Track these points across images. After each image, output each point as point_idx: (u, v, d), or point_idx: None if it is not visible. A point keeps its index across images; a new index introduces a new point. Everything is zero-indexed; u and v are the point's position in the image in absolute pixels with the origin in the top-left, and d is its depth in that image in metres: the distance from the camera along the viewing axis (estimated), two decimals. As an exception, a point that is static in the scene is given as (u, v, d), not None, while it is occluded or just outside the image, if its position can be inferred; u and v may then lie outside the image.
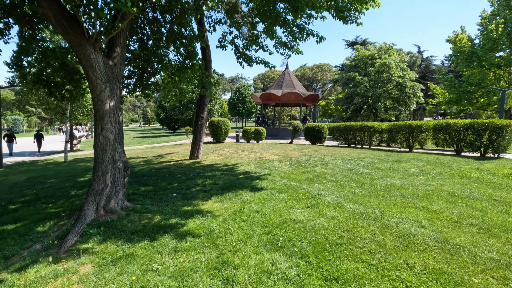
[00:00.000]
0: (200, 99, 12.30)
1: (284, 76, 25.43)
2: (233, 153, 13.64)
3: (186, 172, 9.21)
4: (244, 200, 5.73)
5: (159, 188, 7.11)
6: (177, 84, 10.18)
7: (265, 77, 68.46)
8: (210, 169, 9.60)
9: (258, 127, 19.01)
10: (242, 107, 51.41)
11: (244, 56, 8.34)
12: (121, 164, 5.42)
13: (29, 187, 8.22)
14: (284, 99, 22.99)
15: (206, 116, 12.50)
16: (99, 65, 5.18)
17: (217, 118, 19.02)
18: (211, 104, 31.66)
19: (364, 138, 15.53)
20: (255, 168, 9.42)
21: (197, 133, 12.27)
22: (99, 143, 5.22)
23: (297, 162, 10.44)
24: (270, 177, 7.96)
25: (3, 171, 11.61)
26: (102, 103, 5.26)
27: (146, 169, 10.34)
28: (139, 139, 28.87)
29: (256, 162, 10.80)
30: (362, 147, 15.67)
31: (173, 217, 4.87)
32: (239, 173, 8.68)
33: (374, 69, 24.81)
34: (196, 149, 12.24)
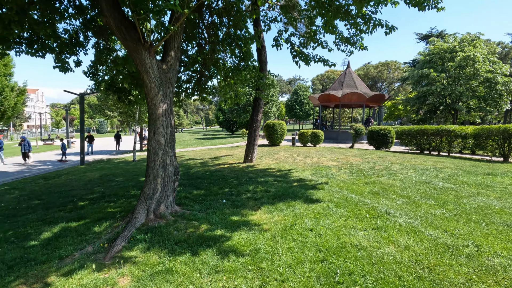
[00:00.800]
0: (255, 102, 12.07)
1: (345, 76, 23.81)
2: (288, 157, 13.07)
3: (238, 177, 8.99)
4: (296, 213, 5.14)
5: (210, 193, 6.98)
6: (232, 87, 10.11)
7: (324, 77, 66.00)
8: (263, 174, 9.22)
9: (316, 130, 18.05)
10: (299, 109, 50.38)
11: (300, 55, 7.75)
12: (171, 168, 5.36)
13: (99, 184, 8.99)
14: (345, 100, 21.48)
15: (261, 118, 12.21)
16: (153, 70, 5.19)
17: (272, 121, 18.68)
18: (268, 106, 31.57)
19: (442, 144, 13.35)
20: (310, 176, 8.70)
21: (252, 136, 12.05)
22: (151, 147, 5.24)
23: (358, 170, 9.36)
24: (327, 187, 7.18)
25: (84, 168, 13.16)
26: (155, 107, 5.27)
27: (201, 171, 10.49)
28: (199, 140, 30.37)
29: (312, 168, 10.05)
30: (439, 155, 13.49)
31: (219, 227, 4.57)
32: (293, 180, 8.09)
33: (455, 63, 21.30)
34: (250, 152, 12.03)
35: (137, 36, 5.06)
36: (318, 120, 24.65)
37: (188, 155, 16.44)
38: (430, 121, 25.67)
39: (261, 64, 11.65)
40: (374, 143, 16.26)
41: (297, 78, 77.13)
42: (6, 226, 5.19)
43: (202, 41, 9.32)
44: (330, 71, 67.06)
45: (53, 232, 4.70)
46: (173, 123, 5.61)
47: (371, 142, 16.40)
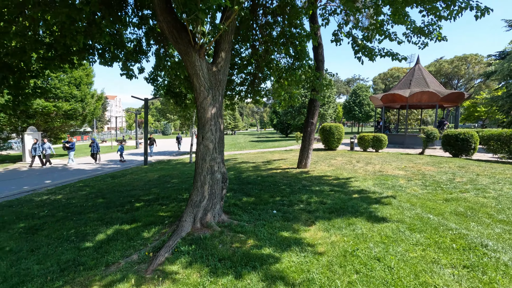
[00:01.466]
0: (310, 103, 11.33)
1: (414, 73, 21.24)
2: (346, 164, 11.97)
3: (291, 184, 8.42)
4: (358, 234, 4.36)
5: (261, 201, 6.56)
6: (286, 88, 9.62)
7: (387, 76, 60.79)
8: (318, 182, 8.47)
9: (378, 134, 16.37)
10: (358, 110, 47.25)
11: (364, 49, 6.84)
12: (219, 175, 5.08)
13: (156, 185, 9.35)
14: (413, 100, 19.11)
15: (316, 121, 11.42)
16: (203, 72, 4.99)
17: (329, 123, 17.57)
18: (324, 108, 30.14)
19: (547, 152, 10.70)
20: (373, 186, 7.65)
21: (306, 140, 11.34)
22: (199, 152, 5.04)
23: (434, 182, 7.92)
24: (395, 201, 6.13)
25: (146, 168, 14.07)
26: (204, 111, 5.06)
27: (252, 176, 10.19)
28: (253, 143, 30.52)
29: (374, 177, 8.90)
30: (543, 166, 10.85)
31: (267, 244, 4.08)
32: (353, 191, 7.18)
33: None
34: (304, 157, 11.33)
35: (188, 38, 4.91)
36: (380, 122, 22.49)
37: (241, 158, 16.43)
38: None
39: (317, 63, 10.90)
40: (450, 149, 13.97)
41: (356, 78, 72.74)
42: (71, 224, 5.54)
43: (255, 42, 9.05)
44: (395, 68, 61.38)
45: (107, 234, 4.80)
46: (222, 127, 5.33)
47: (447, 148, 14.12)
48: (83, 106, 18.95)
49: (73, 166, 15.70)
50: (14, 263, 3.88)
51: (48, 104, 16.49)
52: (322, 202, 6.29)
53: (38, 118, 16.99)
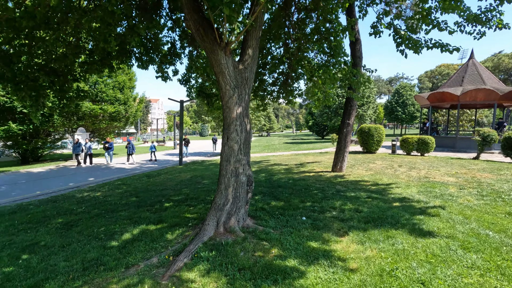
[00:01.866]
0: (347, 103, 10.65)
1: (467, 69, 19.13)
2: (387, 168, 11.03)
3: (324, 188, 7.91)
4: (398, 249, 3.81)
5: (290, 206, 6.19)
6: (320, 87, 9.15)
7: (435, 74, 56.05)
8: (353, 188, 7.84)
9: (424, 136, 14.94)
10: (401, 111, 44.19)
11: (408, 41, 6.12)
12: (244, 178, 4.84)
13: (187, 185, 9.43)
14: (466, 98, 17.17)
15: (353, 122, 10.70)
16: (228, 70, 4.80)
17: (368, 125, 16.50)
18: (362, 108, 28.56)
19: None
20: (417, 194, 6.84)
21: (342, 142, 10.67)
22: (224, 153, 4.85)
23: (492, 191, 6.86)
24: (444, 213, 5.36)
25: (180, 169, 14.42)
26: (230, 110, 4.86)
27: (284, 178, 9.83)
28: (287, 145, 30.01)
29: (419, 184, 8.01)
30: None
31: (292, 255, 3.73)
32: (393, 199, 6.48)
33: None
34: (340, 160, 10.66)
35: (214, 36, 4.76)
36: (427, 123, 20.62)
37: (273, 160, 16.11)
38: None
39: (354, 60, 10.22)
40: (511, 153, 12.21)
41: (399, 77, 68.18)
42: (103, 221, 5.70)
43: (288, 40, 8.73)
44: (444, 65, 56.28)
45: (132, 234, 4.81)
46: (249, 127, 5.09)
47: (508, 152, 12.37)
48: (125, 108, 20.16)
49: (112, 165, 16.69)
50: (45, 258, 4.02)
51: (95, 107, 17.80)
52: (357, 210, 5.74)
53: (86, 120, 18.43)
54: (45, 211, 6.62)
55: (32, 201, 7.90)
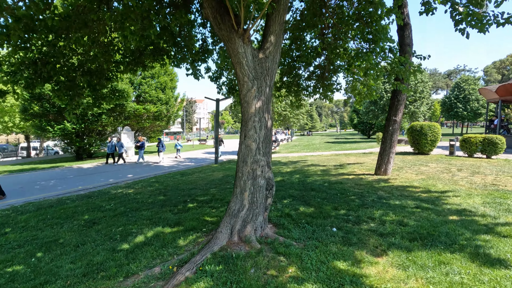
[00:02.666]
0: (393, 97, 9.40)
1: (550, 55, 15.91)
2: (442, 172, 9.51)
3: (363, 194, 6.97)
4: (454, 282, 2.91)
5: (320, 213, 5.47)
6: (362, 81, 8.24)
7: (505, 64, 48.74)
8: (399, 194, 6.76)
9: (490, 135, 12.73)
10: (462, 107, 39.27)
11: (469, 17, 4.93)
12: (262, 181, 4.28)
13: (216, 185, 9.16)
14: (549, 90, 14.28)
15: (400, 119, 9.41)
16: (247, 60, 4.28)
17: (420, 123, 14.65)
18: (415, 105, 25.76)
19: None
20: (482, 206, 5.56)
21: (387, 142, 9.46)
22: (241, 153, 4.34)
23: None
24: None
25: (214, 167, 14.35)
26: (248, 105, 4.34)
27: (319, 180, 9.02)
28: (328, 144, 28.53)
29: (485, 193, 6.60)
30: None
31: (312, 278, 3.08)
32: (449, 211, 5.33)
33: None
34: (384, 162, 9.46)
35: (231, 22, 4.29)
36: (495, 121, 17.73)
37: (311, 160, 15.21)
38: None
39: (403, 48, 8.97)
40: None
41: (460, 69, 60.79)
42: (123, 220, 5.62)
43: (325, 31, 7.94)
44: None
45: (146, 237, 4.58)
46: (270, 124, 4.51)
47: None
48: (167, 108, 20.93)
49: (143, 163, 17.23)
50: (55, 258, 3.94)
51: (139, 106, 18.75)
52: (402, 222, 4.79)
53: (132, 119, 19.53)
54: (76, 207, 6.84)
55: (72, 196, 8.32)
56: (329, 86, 8.96)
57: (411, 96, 25.68)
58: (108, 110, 16.11)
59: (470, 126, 62.80)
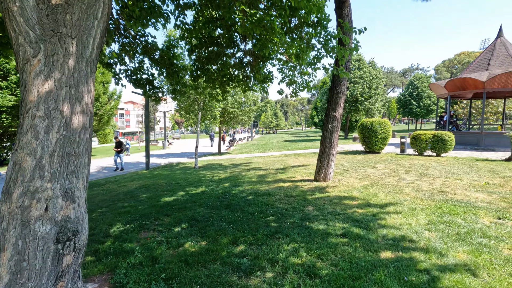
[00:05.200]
0: (332, 88, 7.94)
1: (494, 50, 15.85)
2: (389, 175, 8.29)
3: (287, 212, 5.35)
4: None
5: (208, 252, 3.70)
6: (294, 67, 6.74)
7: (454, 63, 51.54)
8: (330, 212, 5.22)
9: (440, 132, 11.99)
10: (416, 104, 40.48)
11: None
12: (46, 227, 2.33)
13: (112, 202, 7.05)
14: (493, 85, 14.00)
15: (341, 115, 7.99)
16: (22, 4, 2.31)
17: (370, 119, 13.64)
18: (370, 101, 25.38)
19: None
20: (427, 230, 4.14)
21: (326, 142, 8.00)
22: (6, 177, 2.37)
23: (557, 225, 4.09)
24: (476, 285, 2.69)
25: (140, 175, 12.11)
26: (27, 88, 2.38)
27: (246, 191, 7.32)
28: (286, 143, 27.30)
29: (431, 205, 5.28)
30: None
31: None
32: (384, 242, 3.82)
33: None
34: (324, 166, 7.99)
35: None
36: (444, 117, 17.47)
37: (256, 162, 13.55)
38: None
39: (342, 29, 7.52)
40: (562, 154, 9.17)
41: (413, 68, 63.56)
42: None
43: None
44: (464, 53, 51.49)
45: None
46: (78, 123, 2.56)
47: (556, 152, 9.33)
48: (97, 106, 18.05)
49: None
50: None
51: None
52: (313, 269, 3.14)
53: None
54: None
55: None
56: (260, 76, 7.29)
57: (367, 92, 25.25)
58: (9, 108, 13.01)
59: (423, 123, 66.07)
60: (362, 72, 25.75)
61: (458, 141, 14.26)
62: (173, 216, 5.49)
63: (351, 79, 25.42)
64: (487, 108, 25.89)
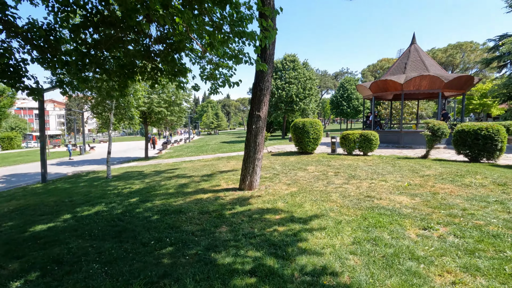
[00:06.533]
0: (255, 85, 7.05)
1: (409, 55, 17.24)
2: (319, 178, 7.78)
3: (191, 237, 4.20)
4: None
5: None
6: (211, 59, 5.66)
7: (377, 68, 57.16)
8: (246, 233, 4.22)
9: (366, 131, 12.25)
10: (346, 105, 43.40)
11: None
12: None
13: None
14: (409, 87, 15.08)
15: (265, 115, 7.15)
16: None
17: (302, 119, 13.35)
18: (305, 102, 25.92)
19: None
20: (352, 255, 3.42)
21: (251, 146, 7.07)
22: None
23: (479, 232, 3.77)
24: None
25: (28, 191, 9.55)
26: None
27: (156, 207, 5.95)
28: (223, 144, 26.17)
29: (358, 215, 4.70)
30: None
31: None
32: (302, 275, 2.95)
33: None
34: (249, 172, 7.06)
35: None
36: (370, 117, 18.45)
37: (183, 168, 12.07)
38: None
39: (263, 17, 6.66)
40: (465, 150, 9.95)
41: (344, 71, 68.84)
42: None
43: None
44: (385, 60, 57.66)
45: None
46: None
47: (461, 148, 10.09)
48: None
49: None
50: None
51: None
52: None
53: None
54: None
55: None
56: (171, 69, 6.01)
57: (301, 93, 25.68)
58: None
59: (353, 122, 72.02)
60: (297, 73, 26.11)
61: (382, 140, 15.00)
62: (25, 259, 3.85)
63: (286, 79, 25.58)
64: (404, 109, 28.77)
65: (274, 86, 25.49)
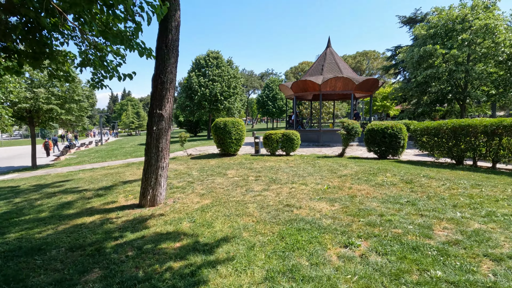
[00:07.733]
0: (156, 78, 5.72)
1: (326, 57, 18.11)
2: (238, 185, 6.93)
3: (48, 286, 2.70)
4: None
5: None
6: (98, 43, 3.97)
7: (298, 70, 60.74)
8: (129, 275, 2.97)
9: (288, 131, 12.07)
10: (272, 105, 44.62)
11: None
12: None
13: None
14: (327, 88, 15.74)
15: (170, 114, 5.89)
16: None
17: (224, 119, 12.43)
18: (229, 100, 25.17)
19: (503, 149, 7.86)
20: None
21: (152, 151, 5.72)
22: None
23: (394, 238, 3.40)
24: None
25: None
26: None
27: (7, 243, 4.06)
28: (140, 147, 23.40)
29: (274, 236, 3.94)
30: (494, 168, 8.05)
31: None
32: None
33: (468, 36, 16.02)
34: (151, 184, 5.71)
35: None
36: (292, 116, 18.79)
37: (78, 179, 9.76)
38: (431, 115, 20.66)
39: None
40: (375, 147, 10.60)
41: (269, 72, 71.22)
42: None
43: None
44: (305, 63, 61.79)
45: None
46: None
47: (371, 146, 10.72)
48: None
49: None
50: None
51: None
52: None
53: None
54: None
55: None
56: (31, 51, 4.22)
57: (226, 91, 24.86)
58: None
59: (279, 121, 75.22)
60: (221, 70, 25.17)
61: (303, 139, 15.25)
62: None
63: (210, 76, 24.38)
64: (323, 109, 30.82)
65: (197, 83, 23.96)
